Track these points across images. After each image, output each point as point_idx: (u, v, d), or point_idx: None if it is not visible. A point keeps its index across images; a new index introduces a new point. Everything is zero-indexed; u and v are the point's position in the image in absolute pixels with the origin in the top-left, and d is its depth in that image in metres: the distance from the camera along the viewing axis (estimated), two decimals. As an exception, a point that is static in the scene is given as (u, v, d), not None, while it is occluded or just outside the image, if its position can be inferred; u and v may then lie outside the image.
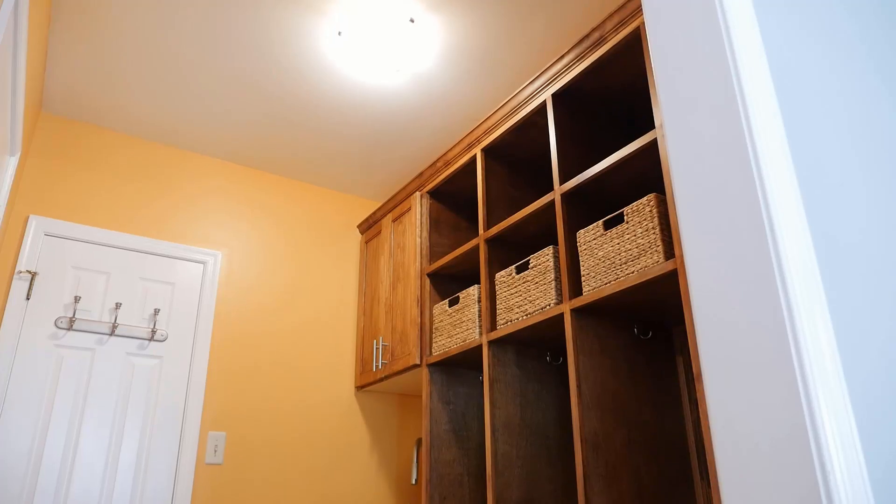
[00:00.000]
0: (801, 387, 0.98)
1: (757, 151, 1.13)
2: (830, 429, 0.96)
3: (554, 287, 2.11)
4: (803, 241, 1.09)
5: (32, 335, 2.63)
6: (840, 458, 0.95)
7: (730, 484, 1.06)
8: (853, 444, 0.97)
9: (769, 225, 1.09)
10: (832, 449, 0.95)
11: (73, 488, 2.54)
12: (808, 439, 0.96)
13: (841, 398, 0.99)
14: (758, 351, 1.06)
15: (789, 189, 1.13)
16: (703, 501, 2.00)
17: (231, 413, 2.95)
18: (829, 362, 1.01)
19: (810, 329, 1.02)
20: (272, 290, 3.25)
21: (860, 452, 0.97)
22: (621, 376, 2.02)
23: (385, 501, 3.20)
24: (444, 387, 2.69)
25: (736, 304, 1.11)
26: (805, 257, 1.08)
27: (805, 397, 0.98)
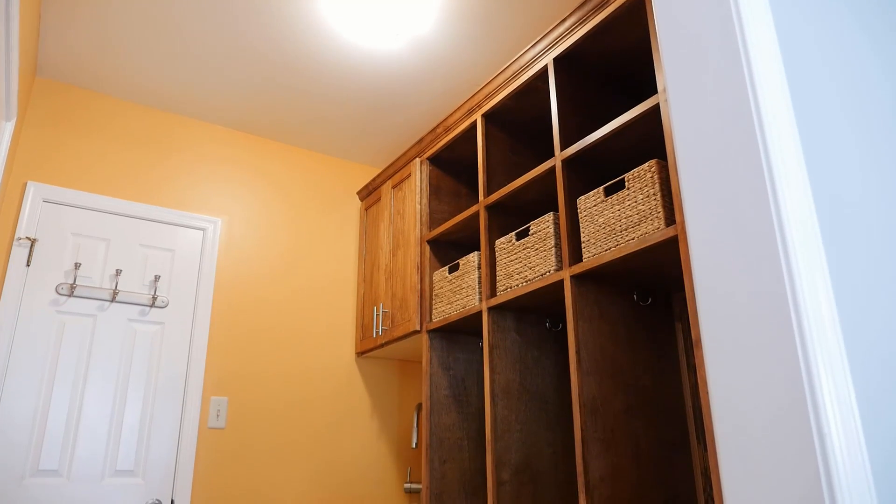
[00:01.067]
0: (801, 355, 0.98)
1: (761, 116, 1.12)
2: (829, 398, 0.96)
3: (554, 254, 2.11)
4: (806, 207, 1.08)
5: (34, 301, 2.64)
6: (838, 426, 0.95)
7: (727, 450, 1.07)
8: (852, 413, 0.97)
9: (772, 191, 1.08)
10: (831, 418, 0.95)
11: (79, 451, 2.58)
12: (806, 408, 0.96)
13: (841, 367, 0.99)
14: (758, 319, 1.06)
15: (793, 155, 1.11)
16: (699, 465, 2.03)
17: (233, 378, 2.98)
18: (830, 332, 1.01)
19: (811, 298, 1.02)
20: (272, 256, 3.25)
21: (858, 421, 0.98)
22: (620, 342, 2.03)
23: (386, 465, 3.25)
24: (444, 353, 2.71)
25: (737, 271, 1.11)
26: (808, 225, 1.07)
27: (805, 366, 0.98)
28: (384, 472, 3.23)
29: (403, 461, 3.30)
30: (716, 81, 1.21)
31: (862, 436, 0.96)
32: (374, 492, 3.17)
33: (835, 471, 0.91)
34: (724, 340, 1.11)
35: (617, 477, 1.86)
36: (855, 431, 0.96)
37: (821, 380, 0.96)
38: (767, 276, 1.05)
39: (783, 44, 1.22)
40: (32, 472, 2.49)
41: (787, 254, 1.03)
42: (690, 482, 2.01)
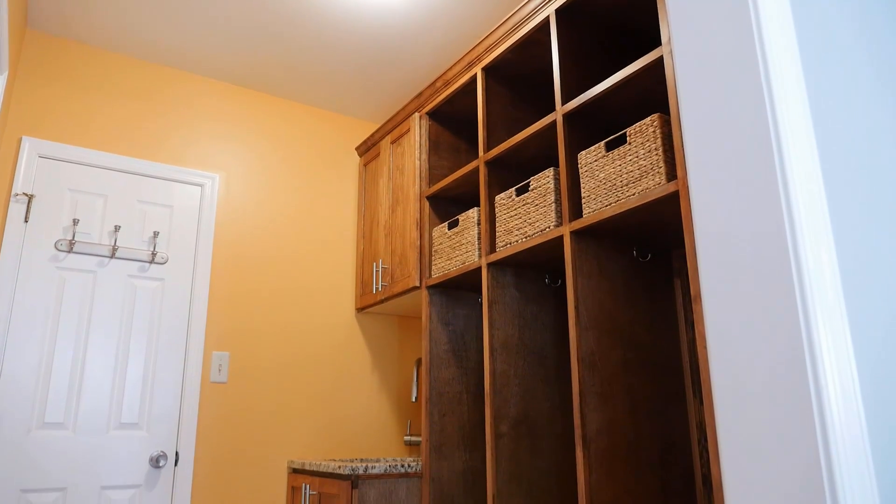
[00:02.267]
0: (801, 310, 0.99)
1: (768, 68, 1.09)
2: (828, 351, 0.97)
3: (554, 209, 2.10)
4: (811, 162, 1.07)
5: (33, 257, 2.64)
6: (836, 379, 0.96)
7: (724, 403, 1.08)
8: (849, 368, 0.98)
9: (777, 146, 1.06)
10: (828, 371, 0.96)
11: (83, 404, 2.62)
12: (804, 361, 0.97)
13: (840, 323, 1.00)
14: (759, 274, 1.06)
15: (800, 108, 1.10)
16: (695, 418, 2.06)
17: (234, 334, 3.00)
18: (831, 289, 1.01)
19: (813, 255, 1.01)
20: (271, 212, 3.24)
21: (855, 376, 0.98)
22: (619, 298, 2.04)
23: (386, 418, 3.30)
24: (444, 308, 2.72)
25: (739, 226, 1.10)
26: (812, 180, 1.06)
27: (804, 320, 0.98)
28: (384, 425, 3.28)
29: (403, 414, 3.36)
30: (722, 32, 1.18)
31: (858, 390, 0.97)
32: (375, 444, 3.23)
33: (830, 423, 0.92)
34: (724, 295, 1.11)
35: (613, 429, 1.90)
36: (852, 386, 0.97)
37: (819, 334, 0.97)
38: (770, 231, 1.05)
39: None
40: (39, 424, 2.53)
41: (790, 208, 1.03)
42: (686, 435, 2.05)
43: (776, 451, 0.99)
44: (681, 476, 1.99)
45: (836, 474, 0.91)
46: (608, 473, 1.84)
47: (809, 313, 0.98)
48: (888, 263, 1.15)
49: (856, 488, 0.91)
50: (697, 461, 2.03)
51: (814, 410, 0.94)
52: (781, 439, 0.98)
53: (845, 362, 0.97)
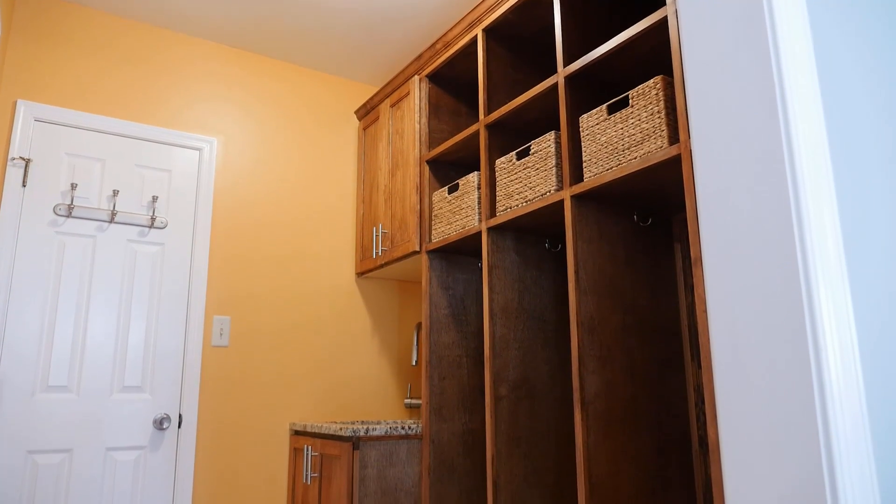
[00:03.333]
0: (803, 274, 0.98)
1: (776, 29, 1.07)
2: (828, 314, 0.97)
3: (554, 173, 2.09)
4: (817, 126, 1.06)
5: (32, 222, 2.64)
6: (835, 343, 0.96)
7: (723, 364, 1.09)
8: (849, 331, 0.98)
9: (783, 108, 1.05)
10: (828, 333, 0.96)
11: (86, 367, 2.64)
12: (804, 323, 0.97)
13: (841, 286, 1.00)
14: (761, 237, 1.06)
15: (807, 71, 1.08)
16: (692, 382, 2.08)
17: (234, 298, 3.01)
18: (833, 252, 1.01)
19: (816, 218, 1.01)
20: (269, 176, 3.22)
21: (855, 340, 0.99)
22: (619, 262, 2.04)
23: (387, 382, 3.33)
24: (444, 273, 2.73)
25: (741, 189, 1.10)
26: (818, 144, 1.05)
27: (805, 284, 0.98)
28: (385, 389, 3.32)
29: (404, 378, 3.39)
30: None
31: (857, 354, 0.98)
32: (376, 407, 3.27)
33: (828, 385, 0.93)
34: (724, 258, 1.11)
35: (611, 392, 1.92)
36: (851, 350, 0.97)
37: (820, 298, 0.97)
38: (773, 195, 1.04)
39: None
40: (43, 387, 2.55)
41: (794, 173, 1.02)
42: (683, 398, 2.07)
43: (774, 412, 1.00)
44: (677, 438, 2.02)
45: (832, 435, 0.92)
46: (606, 435, 1.87)
47: (811, 277, 0.98)
48: (891, 230, 1.14)
49: (851, 447, 0.92)
50: (694, 423, 2.06)
51: (812, 372, 0.94)
52: (779, 401, 0.99)
53: (845, 326, 0.97)
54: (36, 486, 2.48)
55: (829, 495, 0.90)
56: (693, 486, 2.01)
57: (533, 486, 2.23)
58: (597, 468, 1.83)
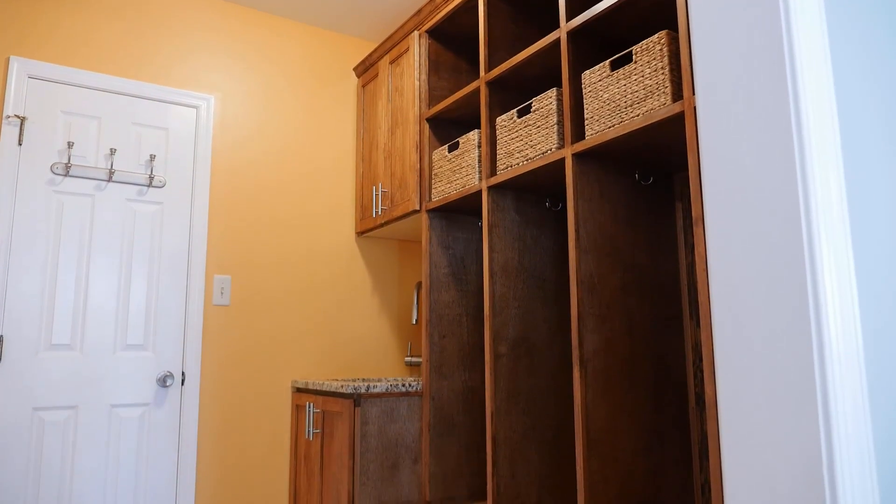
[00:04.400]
0: (805, 232, 0.98)
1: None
2: (829, 273, 0.97)
3: (556, 131, 2.07)
4: (825, 81, 1.04)
5: (30, 181, 2.62)
6: (836, 301, 0.96)
7: (722, 322, 1.09)
8: (850, 290, 0.98)
9: (790, 64, 1.03)
10: (829, 293, 0.96)
11: (89, 326, 2.66)
12: (805, 282, 0.97)
13: (844, 244, 0.99)
14: (764, 194, 1.05)
15: (816, 23, 1.05)
16: (691, 340, 2.10)
17: (235, 257, 3.02)
18: (837, 211, 1.00)
19: (821, 173, 1.00)
20: (267, 135, 3.19)
21: (856, 300, 0.99)
22: (620, 221, 2.03)
23: (387, 340, 3.36)
24: (444, 232, 2.72)
25: (746, 146, 1.08)
26: (825, 98, 1.03)
27: (808, 242, 0.98)
28: (385, 347, 3.35)
29: (404, 336, 3.42)
30: (737, -60, 1.13)
31: (858, 313, 0.98)
32: (376, 365, 3.31)
33: (828, 343, 0.93)
34: (727, 217, 1.10)
35: (610, 350, 1.93)
36: (851, 309, 0.97)
37: (822, 258, 0.97)
38: (777, 153, 1.03)
39: None
40: (46, 346, 2.57)
41: (800, 131, 1.00)
42: (681, 356, 2.09)
43: (772, 369, 1.00)
44: (674, 395, 2.05)
45: (829, 392, 0.92)
46: (604, 392, 1.89)
47: (814, 237, 0.97)
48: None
49: (848, 404, 0.93)
50: (691, 381, 2.08)
51: (812, 330, 0.95)
52: (777, 358, 1.00)
53: (846, 285, 0.97)
54: (43, 442, 2.52)
55: (824, 450, 0.91)
56: (689, 442, 2.05)
57: (531, 441, 2.27)
58: (595, 424, 1.86)
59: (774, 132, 1.03)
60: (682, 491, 2.00)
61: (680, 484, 2.00)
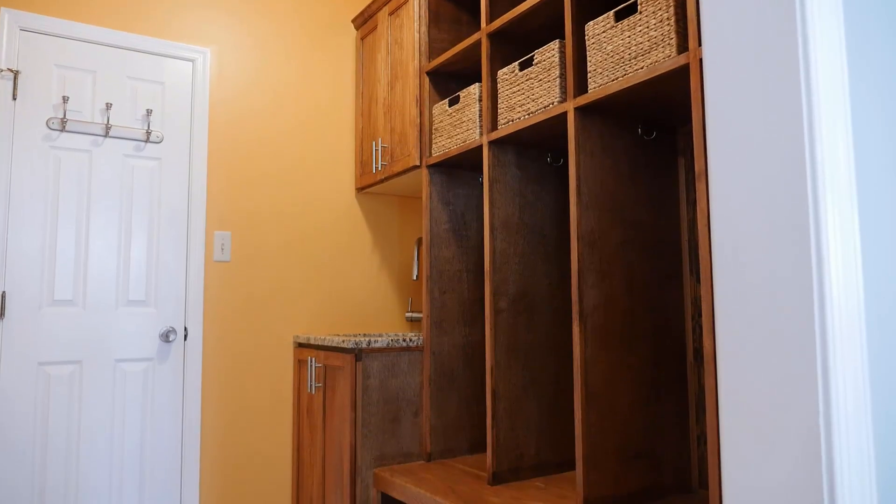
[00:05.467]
0: (810, 186, 0.97)
1: (794, -78, 1.01)
2: (833, 227, 0.96)
3: (558, 84, 2.03)
4: (836, 32, 1.01)
5: (26, 136, 2.59)
6: (839, 254, 0.96)
7: (723, 275, 1.09)
8: (853, 243, 0.98)
9: (801, 12, 1.00)
10: (832, 245, 0.96)
11: (90, 283, 2.67)
12: (808, 235, 0.97)
13: (849, 200, 0.98)
14: (770, 147, 1.03)
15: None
16: (690, 296, 2.10)
17: (235, 213, 3.01)
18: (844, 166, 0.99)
19: (829, 129, 0.98)
20: (266, 89, 3.14)
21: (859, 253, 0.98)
22: (621, 177, 2.02)
23: (388, 296, 3.38)
24: (444, 188, 2.71)
25: (752, 96, 1.06)
26: (835, 50, 1.01)
27: (812, 196, 0.97)
28: (386, 303, 3.37)
29: (405, 292, 3.43)
30: None
31: (860, 267, 0.98)
32: (377, 321, 3.33)
33: (829, 297, 0.93)
34: (731, 170, 1.09)
35: (610, 306, 1.94)
36: (854, 266, 0.97)
37: (827, 211, 0.96)
38: (785, 106, 1.01)
39: None
40: (49, 301, 2.59)
41: (808, 84, 0.98)
42: (680, 311, 2.10)
43: (772, 323, 1.01)
44: (672, 350, 2.06)
45: (829, 347, 0.93)
46: (603, 346, 1.91)
47: (819, 191, 0.96)
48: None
49: (847, 358, 0.93)
50: (690, 336, 2.09)
51: (813, 286, 0.95)
52: (778, 312, 1.00)
53: (850, 241, 0.97)
54: (49, 396, 2.56)
55: (821, 401, 0.92)
56: (686, 396, 2.07)
57: (531, 395, 2.30)
58: (593, 379, 1.88)
59: (782, 85, 1.01)
60: (678, 443, 2.04)
61: (676, 436, 2.04)
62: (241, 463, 2.92)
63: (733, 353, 1.06)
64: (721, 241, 1.09)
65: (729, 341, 1.07)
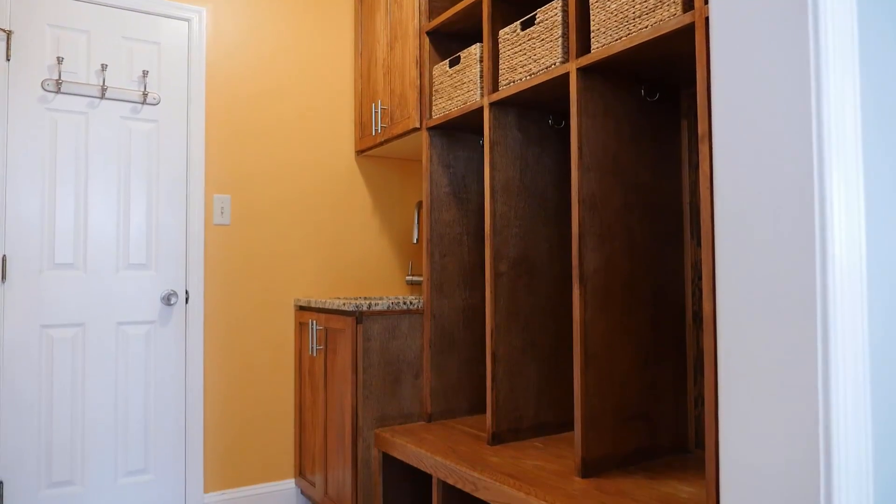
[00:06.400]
0: (816, 148, 0.96)
1: None
2: (838, 188, 0.95)
3: (561, 44, 2.00)
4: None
5: (21, 98, 2.56)
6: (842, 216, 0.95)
7: (726, 237, 1.09)
8: (857, 203, 0.97)
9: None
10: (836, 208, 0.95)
11: (90, 246, 2.67)
12: (812, 197, 0.96)
13: (854, 161, 0.97)
14: (776, 108, 1.02)
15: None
16: (690, 259, 2.10)
17: (234, 176, 2.99)
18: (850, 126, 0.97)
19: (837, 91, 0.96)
20: (263, 49, 3.09)
21: (863, 216, 0.97)
22: (623, 139, 2.00)
23: (388, 259, 3.38)
24: (444, 150, 2.68)
25: (760, 55, 1.04)
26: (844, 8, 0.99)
27: (818, 156, 0.96)
28: (386, 267, 3.37)
29: (405, 256, 3.44)
30: None
31: (864, 232, 0.97)
32: (377, 284, 3.34)
33: (831, 263, 0.93)
34: (736, 131, 1.08)
35: (610, 269, 1.94)
36: (857, 228, 0.96)
37: (832, 174, 0.95)
38: (793, 64, 0.99)
39: None
40: (49, 265, 2.59)
41: (818, 43, 0.96)
42: (679, 275, 2.10)
43: (773, 285, 1.01)
44: (672, 313, 2.07)
45: (830, 309, 0.93)
46: (602, 310, 1.92)
47: (824, 153, 0.95)
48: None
49: (847, 317, 0.93)
50: (689, 299, 2.10)
51: (816, 248, 0.94)
52: (779, 274, 1.00)
53: (854, 200, 0.96)
54: (53, 358, 2.58)
55: (820, 362, 0.93)
56: (685, 358, 2.09)
57: (530, 357, 2.32)
58: (593, 341, 1.89)
59: (790, 44, 0.99)
60: (675, 405, 2.06)
61: (674, 398, 2.06)
62: (243, 424, 2.96)
63: (734, 316, 1.06)
64: (724, 204, 1.08)
65: (730, 303, 1.07)
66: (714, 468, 1.48)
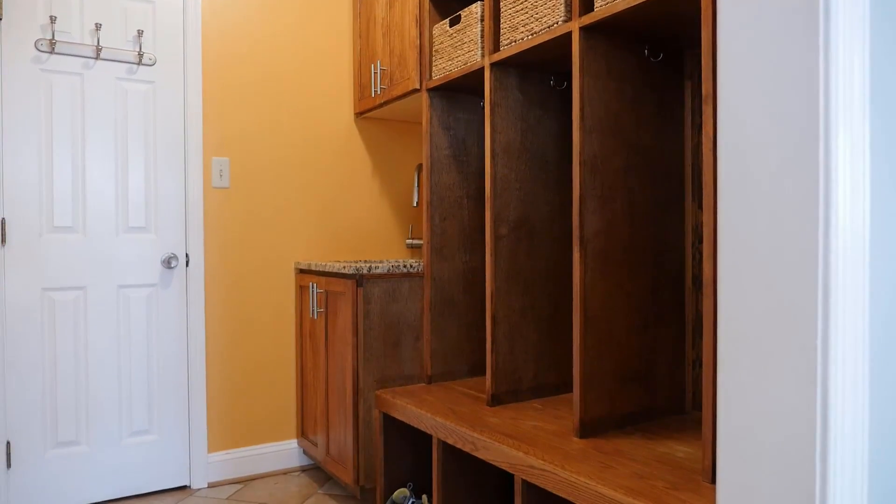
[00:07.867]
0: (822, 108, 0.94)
1: None
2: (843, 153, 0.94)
3: (563, 3, 1.96)
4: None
5: (14, 58, 2.52)
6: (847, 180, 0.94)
7: (728, 198, 1.08)
8: (862, 164, 0.96)
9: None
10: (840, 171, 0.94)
11: (89, 209, 2.66)
12: (817, 159, 0.95)
13: (860, 118, 0.96)
14: (782, 67, 1.00)
15: None
16: (691, 222, 2.10)
17: (232, 139, 2.96)
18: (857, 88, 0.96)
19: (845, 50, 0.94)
20: (260, 7, 3.03)
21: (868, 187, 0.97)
22: (626, 100, 1.97)
23: (388, 222, 3.37)
24: (445, 112, 2.65)
25: (766, 14, 1.02)
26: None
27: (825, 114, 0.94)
28: (386, 229, 3.37)
29: (405, 219, 3.43)
30: None
31: (868, 199, 0.96)
32: (377, 247, 3.34)
33: (834, 219, 0.93)
34: (741, 92, 1.06)
35: (611, 231, 1.94)
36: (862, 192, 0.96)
37: (838, 137, 0.94)
38: (802, 26, 0.97)
39: None
40: (49, 228, 2.59)
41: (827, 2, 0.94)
42: (680, 237, 2.10)
43: (776, 248, 1.00)
44: (671, 276, 2.07)
45: (831, 274, 0.93)
46: (602, 272, 1.92)
47: (830, 111, 0.94)
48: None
49: (849, 286, 0.93)
50: (690, 262, 2.10)
51: (819, 212, 0.94)
52: (782, 238, 0.99)
53: (859, 165, 0.95)
54: (55, 320, 2.60)
55: (820, 325, 0.93)
56: (683, 321, 2.10)
57: (530, 320, 2.33)
58: (592, 304, 1.89)
59: (799, 1, 0.97)
60: (673, 367, 2.08)
61: (672, 360, 2.08)
62: (246, 386, 2.99)
63: (734, 279, 1.06)
64: (727, 166, 1.07)
65: (730, 267, 1.07)
66: (711, 429, 1.49)
